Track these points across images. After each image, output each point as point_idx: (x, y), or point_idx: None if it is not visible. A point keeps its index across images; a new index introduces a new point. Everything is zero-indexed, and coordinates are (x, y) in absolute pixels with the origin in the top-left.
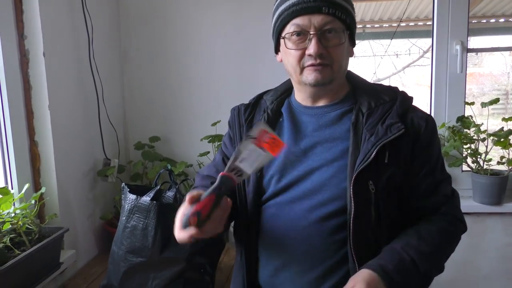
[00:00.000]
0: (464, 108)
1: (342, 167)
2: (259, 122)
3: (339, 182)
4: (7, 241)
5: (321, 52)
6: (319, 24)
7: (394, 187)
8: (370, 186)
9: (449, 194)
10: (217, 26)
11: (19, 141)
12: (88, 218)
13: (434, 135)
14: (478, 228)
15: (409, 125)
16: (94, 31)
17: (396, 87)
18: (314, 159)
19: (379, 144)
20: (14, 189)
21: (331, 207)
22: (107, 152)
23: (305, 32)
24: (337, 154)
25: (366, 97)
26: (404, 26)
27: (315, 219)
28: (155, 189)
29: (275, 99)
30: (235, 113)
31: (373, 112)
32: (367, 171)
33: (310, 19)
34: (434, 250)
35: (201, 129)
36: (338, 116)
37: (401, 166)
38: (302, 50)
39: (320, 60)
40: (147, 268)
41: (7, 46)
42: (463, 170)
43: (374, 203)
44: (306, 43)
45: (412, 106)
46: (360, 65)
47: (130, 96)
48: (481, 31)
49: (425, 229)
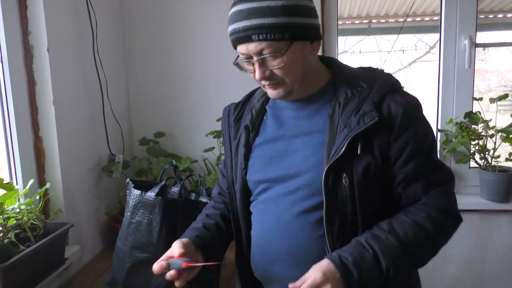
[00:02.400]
0: (472, 104)
1: (319, 161)
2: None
3: (317, 177)
4: (12, 236)
5: (265, 76)
6: (255, 52)
7: (373, 178)
8: (344, 179)
9: (439, 183)
10: (222, 21)
11: (24, 136)
12: (93, 213)
13: (414, 120)
14: (485, 226)
15: (386, 113)
16: (98, 27)
17: (378, 69)
18: (295, 154)
19: (351, 136)
20: (19, 185)
21: (311, 201)
22: (111, 148)
23: (249, 58)
24: (315, 149)
25: (344, 86)
26: (411, 21)
27: (297, 214)
28: (160, 184)
29: (261, 96)
30: (226, 113)
31: (349, 102)
32: (340, 163)
33: (247, 47)
34: (402, 245)
35: (206, 124)
36: (316, 109)
37: (376, 156)
38: (253, 72)
39: (269, 81)
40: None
41: (11, 42)
42: (471, 166)
43: (349, 195)
44: (253, 67)
45: (392, 90)
46: (366, 61)
47: (135, 92)
48: (489, 26)
49: (398, 222)
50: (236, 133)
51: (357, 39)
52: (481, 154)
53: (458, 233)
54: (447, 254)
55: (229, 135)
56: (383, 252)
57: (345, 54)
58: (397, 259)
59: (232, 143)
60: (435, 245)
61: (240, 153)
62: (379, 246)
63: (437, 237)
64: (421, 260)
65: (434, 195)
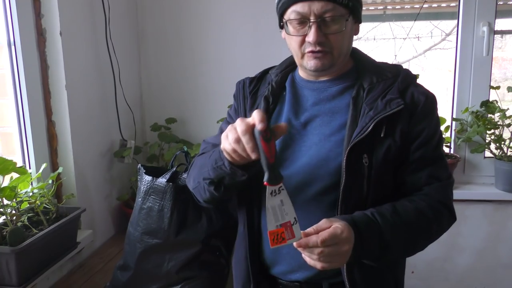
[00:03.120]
0: (489, 93)
1: (339, 141)
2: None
3: (336, 156)
4: (25, 220)
5: (320, 40)
6: (319, 12)
7: (391, 162)
8: (364, 159)
9: (441, 178)
10: (235, 6)
11: (37, 121)
12: (105, 198)
13: (433, 111)
14: (499, 216)
15: (409, 100)
16: (111, 11)
17: (401, 65)
18: (313, 133)
19: (377, 118)
20: (32, 169)
21: (328, 181)
22: (123, 133)
23: (305, 19)
24: (335, 129)
25: (369, 73)
26: (427, 7)
27: (312, 194)
28: (171, 170)
29: (279, 72)
30: (240, 86)
31: (374, 88)
32: (362, 144)
33: (310, 6)
34: (404, 226)
35: (218, 111)
36: (339, 91)
37: (396, 140)
38: (302, 36)
39: (319, 47)
40: (163, 249)
41: (24, 25)
42: (486, 156)
43: (366, 176)
44: (306, 29)
45: (415, 82)
46: (380, 48)
47: (147, 77)
48: (509, 13)
49: (401, 205)
50: (253, 104)
51: (371, 26)
52: (496, 144)
53: (472, 223)
54: (460, 244)
55: (244, 105)
56: (386, 228)
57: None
58: (396, 238)
59: (248, 113)
60: (431, 234)
61: None
62: (383, 221)
63: (436, 226)
64: (416, 245)
65: (436, 188)
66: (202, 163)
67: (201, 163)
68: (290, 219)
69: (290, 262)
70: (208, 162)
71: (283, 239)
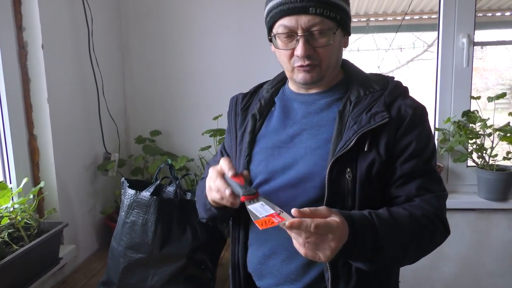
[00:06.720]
0: (470, 103)
1: (325, 155)
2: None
3: (321, 170)
4: (5, 236)
5: (308, 53)
6: (306, 26)
7: (375, 175)
8: (348, 173)
9: (432, 190)
10: (219, 19)
11: (18, 134)
12: (88, 212)
13: (422, 124)
14: (483, 225)
15: (395, 114)
16: (94, 23)
17: (392, 77)
18: (300, 146)
19: (360, 132)
20: (13, 184)
21: (312, 195)
22: (107, 146)
23: (293, 33)
24: (321, 142)
25: (357, 85)
26: (409, 19)
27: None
28: (155, 184)
29: (270, 88)
30: (233, 102)
31: (361, 101)
32: (346, 158)
33: (297, 20)
34: (399, 229)
35: (202, 123)
36: (327, 104)
37: (381, 154)
38: (291, 50)
39: (308, 61)
40: (147, 264)
41: (5, 38)
42: (468, 165)
43: (350, 191)
44: (294, 43)
45: (404, 95)
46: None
47: (131, 90)
48: (487, 24)
49: (396, 211)
50: (243, 122)
51: (355, 37)
52: (478, 153)
53: (456, 232)
54: (445, 253)
55: (235, 123)
56: (381, 229)
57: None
58: (390, 240)
59: (238, 131)
60: (424, 241)
61: (245, 141)
62: (380, 223)
63: (429, 234)
64: (407, 252)
65: (428, 199)
66: (199, 195)
67: (198, 195)
68: (276, 211)
69: (276, 275)
70: (201, 201)
71: (272, 222)
